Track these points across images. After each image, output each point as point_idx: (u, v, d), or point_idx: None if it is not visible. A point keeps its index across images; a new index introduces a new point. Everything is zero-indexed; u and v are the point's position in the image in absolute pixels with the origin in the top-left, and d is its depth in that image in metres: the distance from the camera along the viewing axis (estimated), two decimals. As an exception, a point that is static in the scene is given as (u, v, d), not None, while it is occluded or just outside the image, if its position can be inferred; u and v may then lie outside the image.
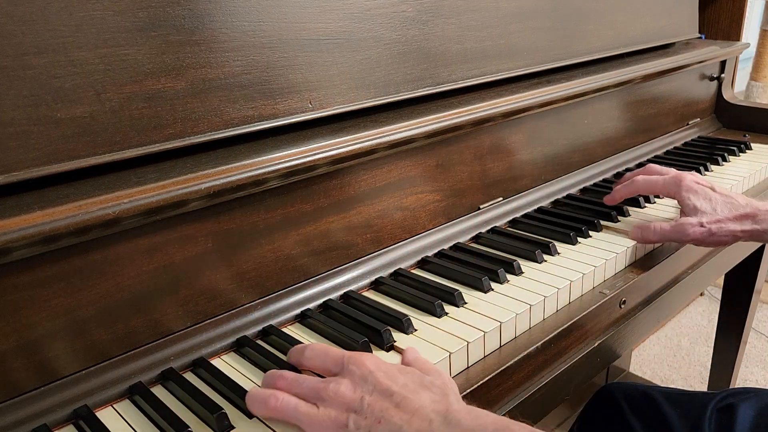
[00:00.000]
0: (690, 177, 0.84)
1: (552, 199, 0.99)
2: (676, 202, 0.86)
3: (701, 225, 0.78)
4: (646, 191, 0.88)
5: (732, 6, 1.58)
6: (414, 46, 0.79)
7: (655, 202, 0.98)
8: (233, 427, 0.53)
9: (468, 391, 0.59)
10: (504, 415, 0.63)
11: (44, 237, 0.49)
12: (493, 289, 0.72)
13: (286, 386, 0.52)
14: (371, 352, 0.61)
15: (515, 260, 0.77)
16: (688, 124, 1.32)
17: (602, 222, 0.89)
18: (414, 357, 0.57)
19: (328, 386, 0.50)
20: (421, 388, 0.50)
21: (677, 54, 1.20)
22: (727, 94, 1.38)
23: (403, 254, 0.80)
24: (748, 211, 0.78)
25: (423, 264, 0.80)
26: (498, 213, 0.91)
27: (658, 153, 1.21)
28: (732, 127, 1.38)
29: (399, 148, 0.74)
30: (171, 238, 0.60)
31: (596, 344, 0.71)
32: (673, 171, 0.86)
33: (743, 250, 1.10)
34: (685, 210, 0.82)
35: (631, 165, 1.14)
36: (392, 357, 0.61)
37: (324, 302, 0.71)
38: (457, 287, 0.72)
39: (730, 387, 1.39)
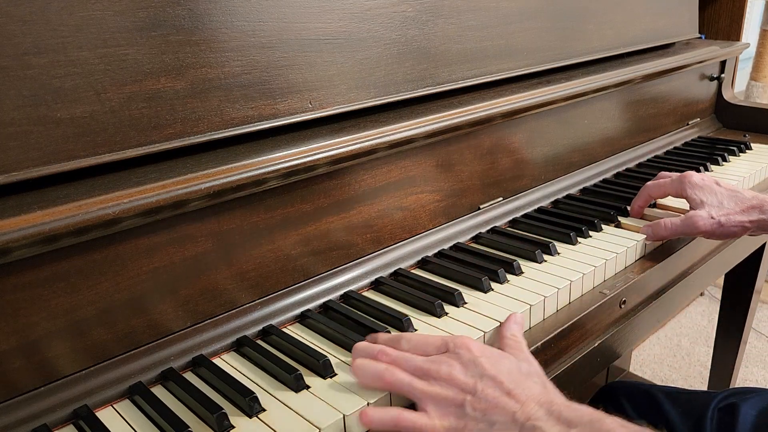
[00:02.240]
0: (695, 174, 0.87)
1: (552, 199, 0.99)
2: (682, 201, 0.88)
3: (711, 217, 0.81)
4: (657, 195, 0.90)
5: (732, 6, 1.58)
6: (414, 46, 0.79)
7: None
8: (233, 427, 0.53)
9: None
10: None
11: (44, 237, 0.49)
12: (493, 289, 0.72)
13: (390, 362, 0.55)
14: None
15: (515, 260, 0.77)
16: (688, 124, 1.32)
17: (602, 222, 0.89)
18: (512, 334, 0.61)
19: (440, 368, 0.53)
20: (523, 377, 0.53)
21: (677, 54, 1.20)
22: (727, 94, 1.38)
23: (403, 254, 0.80)
24: (755, 203, 0.81)
25: (423, 264, 0.80)
26: (498, 213, 0.91)
27: (658, 153, 1.21)
28: (732, 127, 1.38)
29: (399, 148, 0.74)
30: (171, 238, 0.60)
31: (596, 344, 0.71)
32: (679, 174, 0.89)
33: (743, 249, 1.10)
34: (692, 205, 0.84)
35: (631, 165, 1.14)
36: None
37: (324, 302, 0.71)
38: (457, 287, 0.72)
39: (731, 387, 1.39)
